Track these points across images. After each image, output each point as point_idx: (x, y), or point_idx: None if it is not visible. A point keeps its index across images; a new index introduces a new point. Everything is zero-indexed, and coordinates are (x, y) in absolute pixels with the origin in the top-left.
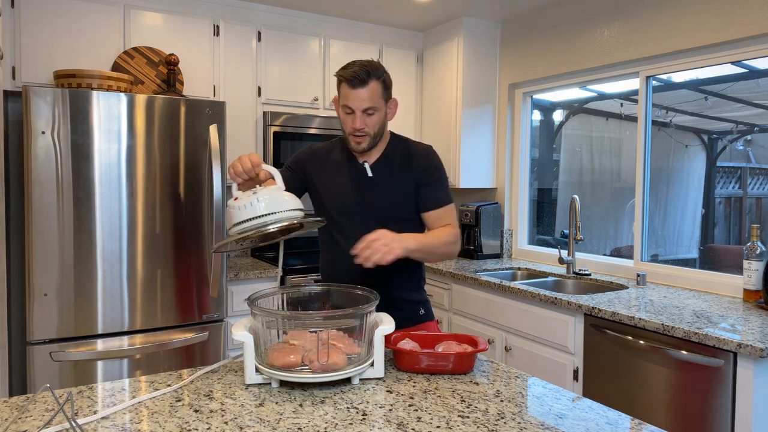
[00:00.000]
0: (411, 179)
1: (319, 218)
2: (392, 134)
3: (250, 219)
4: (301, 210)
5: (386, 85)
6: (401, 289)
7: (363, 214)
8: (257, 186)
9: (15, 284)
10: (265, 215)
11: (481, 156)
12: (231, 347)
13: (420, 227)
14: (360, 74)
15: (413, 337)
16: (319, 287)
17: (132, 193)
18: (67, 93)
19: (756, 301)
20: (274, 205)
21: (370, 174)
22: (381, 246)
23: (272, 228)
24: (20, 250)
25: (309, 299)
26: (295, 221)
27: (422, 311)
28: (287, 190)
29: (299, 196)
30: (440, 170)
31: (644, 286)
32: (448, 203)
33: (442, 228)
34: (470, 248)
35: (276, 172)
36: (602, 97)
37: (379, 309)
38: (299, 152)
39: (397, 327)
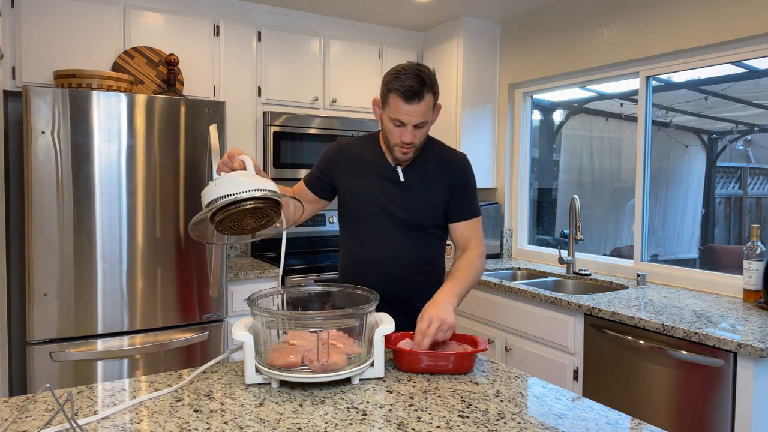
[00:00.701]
0: (444, 187)
1: (269, 195)
2: (427, 137)
3: (211, 202)
4: (257, 190)
5: (437, 95)
6: (423, 296)
7: (391, 220)
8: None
9: (15, 284)
10: (221, 197)
11: (481, 156)
12: (231, 347)
13: (443, 239)
14: (415, 87)
15: (413, 337)
16: (319, 287)
17: (132, 193)
18: (67, 93)
19: (756, 301)
20: (228, 187)
21: (402, 179)
22: (440, 333)
23: (220, 207)
24: (20, 250)
25: (309, 299)
26: (242, 197)
27: None
28: (317, 194)
29: (332, 197)
30: (473, 180)
31: (644, 286)
32: (477, 215)
33: (468, 257)
34: None
35: (248, 161)
36: (602, 97)
37: (399, 315)
38: (326, 150)
39: None
